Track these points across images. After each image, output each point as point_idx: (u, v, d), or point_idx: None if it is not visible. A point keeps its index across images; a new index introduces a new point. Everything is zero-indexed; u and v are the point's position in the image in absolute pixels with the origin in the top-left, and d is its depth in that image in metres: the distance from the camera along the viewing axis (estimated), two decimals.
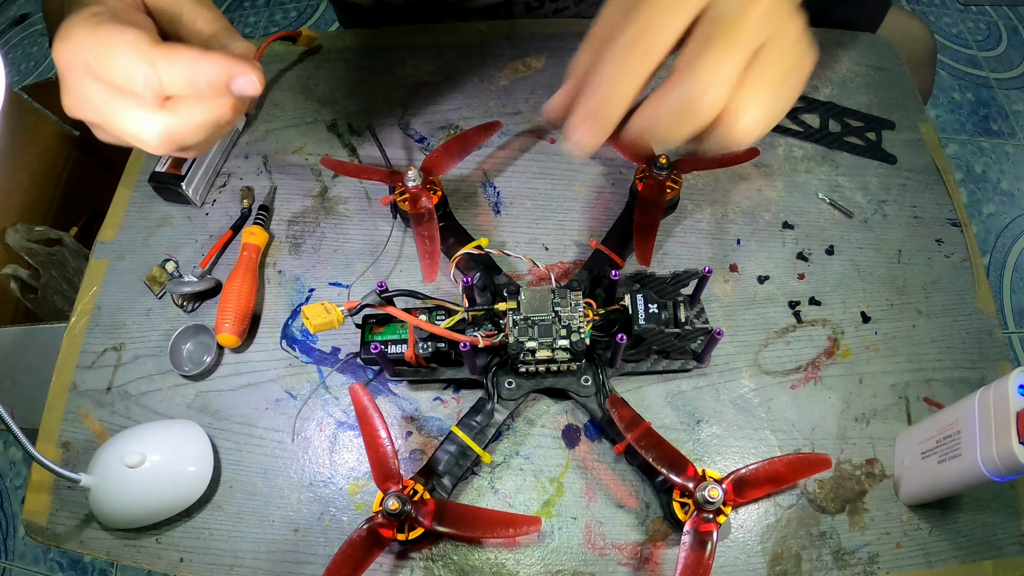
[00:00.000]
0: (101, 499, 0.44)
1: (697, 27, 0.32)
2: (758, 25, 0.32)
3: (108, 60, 0.36)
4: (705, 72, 0.31)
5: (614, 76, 0.34)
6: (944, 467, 0.42)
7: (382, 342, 0.47)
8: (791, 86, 0.34)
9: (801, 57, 0.34)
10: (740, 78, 0.32)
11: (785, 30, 0.33)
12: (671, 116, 0.33)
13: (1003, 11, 1.76)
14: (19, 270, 0.93)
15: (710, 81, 0.32)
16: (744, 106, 0.32)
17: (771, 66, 0.33)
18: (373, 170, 0.55)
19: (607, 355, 0.47)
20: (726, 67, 0.32)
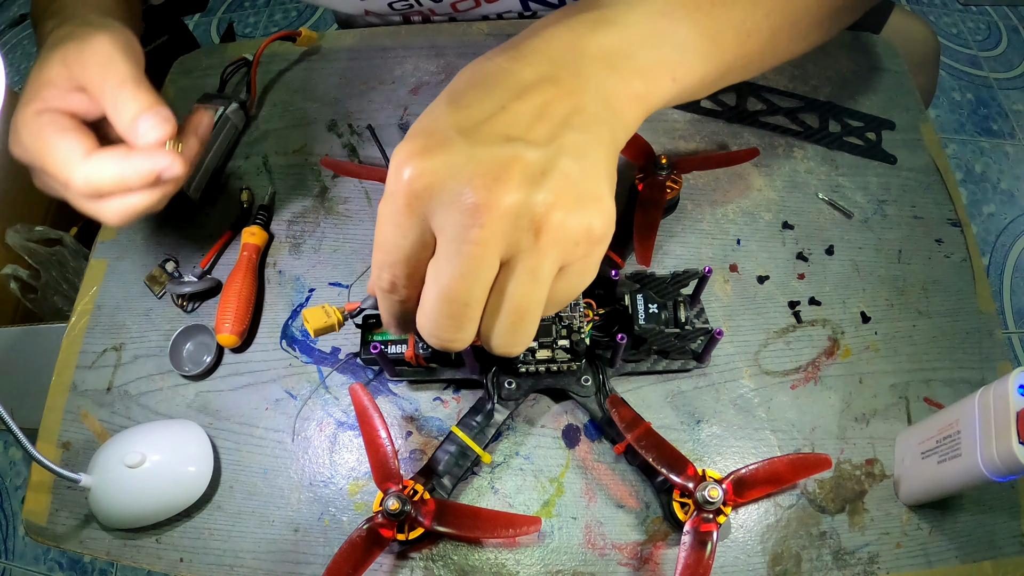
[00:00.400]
0: (101, 499, 0.44)
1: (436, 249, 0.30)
2: (482, 251, 0.28)
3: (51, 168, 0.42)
4: (432, 320, 0.30)
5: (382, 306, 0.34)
6: (944, 467, 0.42)
7: (382, 342, 0.47)
8: (569, 285, 0.31)
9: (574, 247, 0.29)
10: (478, 308, 0.30)
11: (539, 230, 0.28)
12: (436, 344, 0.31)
13: (1003, 11, 1.76)
14: (19, 270, 0.93)
15: (437, 327, 0.30)
16: (488, 335, 0.31)
17: (514, 287, 0.29)
18: (373, 170, 0.55)
19: (607, 355, 0.47)
20: (451, 310, 0.29)
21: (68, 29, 0.44)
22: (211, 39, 1.78)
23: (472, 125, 0.29)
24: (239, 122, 0.62)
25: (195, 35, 1.19)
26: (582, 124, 0.30)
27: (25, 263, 0.94)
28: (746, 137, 0.60)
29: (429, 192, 0.28)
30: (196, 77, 0.67)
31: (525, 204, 0.28)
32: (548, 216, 0.28)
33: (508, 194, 0.28)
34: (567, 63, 0.32)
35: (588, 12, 0.34)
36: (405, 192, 0.29)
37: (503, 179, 0.28)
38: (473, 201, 0.28)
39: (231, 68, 0.65)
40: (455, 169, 0.28)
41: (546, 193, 0.28)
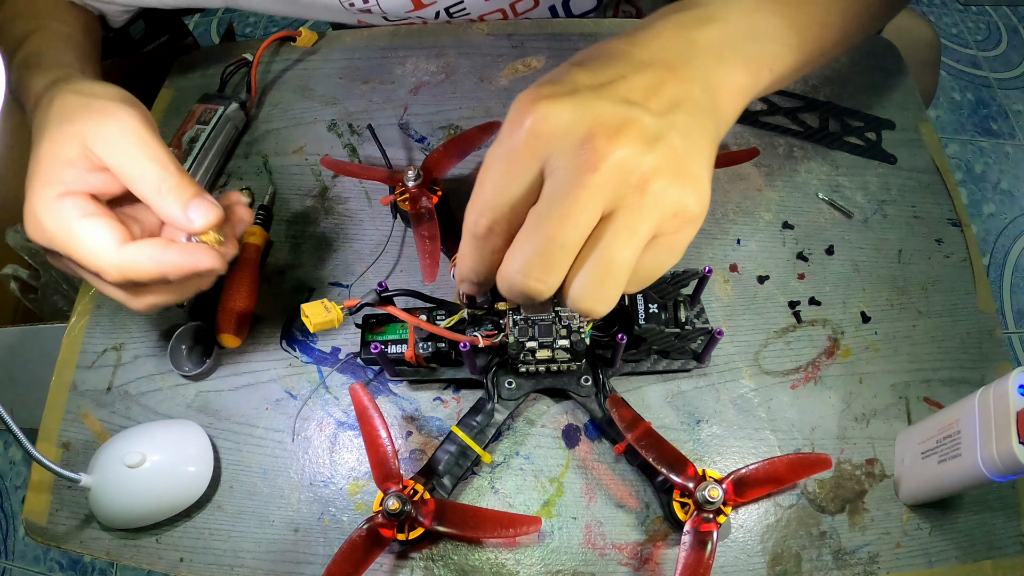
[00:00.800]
0: (101, 499, 0.44)
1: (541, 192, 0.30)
2: (591, 198, 0.29)
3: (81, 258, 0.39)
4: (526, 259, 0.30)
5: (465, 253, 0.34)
6: (944, 467, 0.42)
7: (382, 342, 0.47)
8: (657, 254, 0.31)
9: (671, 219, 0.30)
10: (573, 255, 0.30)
11: (644, 191, 0.29)
12: (511, 293, 0.31)
13: (1003, 11, 1.76)
14: (19, 270, 0.93)
15: (531, 267, 0.30)
16: (572, 287, 0.31)
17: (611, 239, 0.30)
18: (373, 170, 0.55)
19: (607, 355, 0.47)
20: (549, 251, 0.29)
21: (74, 99, 0.41)
22: (211, 39, 1.78)
23: (597, 84, 0.31)
24: (239, 122, 0.62)
25: (195, 35, 1.19)
26: (691, 109, 0.32)
27: (25, 263, 0.94)
28: (746, 137, 0.60)
29: (551, 133, 0.29)
30: (196, 77, 0.68)
31: (637, 162, 0.29)
32: (654, 179, 0.29)
33: (625, 147, 0.29)
34: (679, 52, 0.33)
35: (691, 10, 0.36)
36: (529, 132, 0.30)
37: (622, 133, 0.29)
38: (592, 147, 0.29)
39: (231, 68, 0.65)
40: (580, 115, 0.29)
41: (656, 157, 0.29)
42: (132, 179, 0.40)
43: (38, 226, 0.40)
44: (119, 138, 0.40)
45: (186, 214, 0.40)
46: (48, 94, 0.43)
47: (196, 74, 0.68)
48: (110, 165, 0.40)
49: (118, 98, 0.42)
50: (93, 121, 0.40)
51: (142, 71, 1.06)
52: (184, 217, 0.40)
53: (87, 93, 0.42)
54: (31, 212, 0.40)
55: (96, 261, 0.39)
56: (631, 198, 0.29)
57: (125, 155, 0.40)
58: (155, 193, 0.40)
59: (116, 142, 0.40)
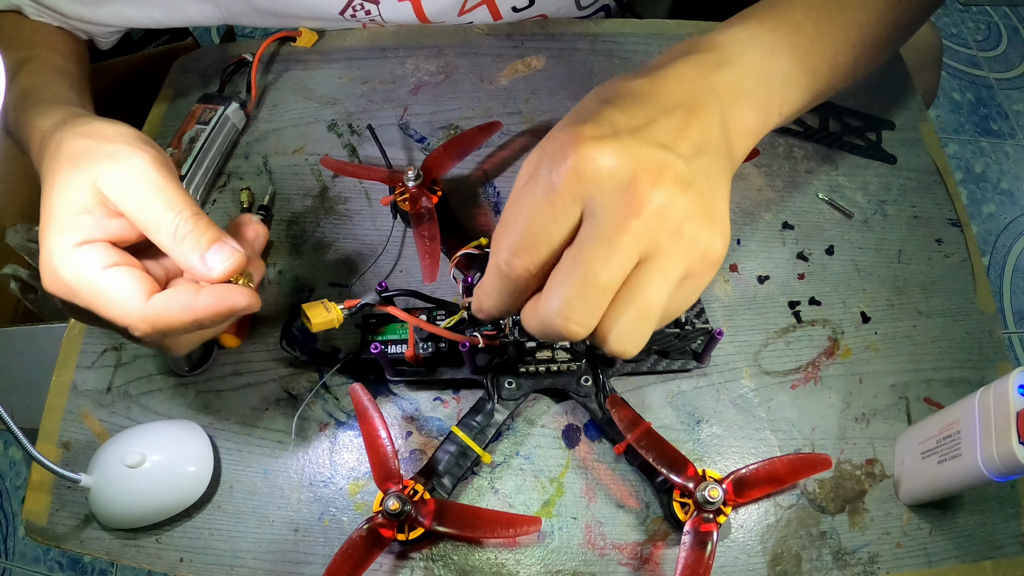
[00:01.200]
0: (101, 499, 0.44)
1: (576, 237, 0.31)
2: (633, 241, 0.29)
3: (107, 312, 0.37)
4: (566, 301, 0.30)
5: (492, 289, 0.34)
6: (944, 467, 0.42)
7: (382, 342, 0.47)
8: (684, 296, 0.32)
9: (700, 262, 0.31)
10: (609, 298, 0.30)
11: (678, 235, 0.30)
12: (545, 332, 0.32)
13: (1003, 11, 1.76)
14: (19, 270, 0.93)
15: (571, 310, 0.30)
16: (609, 330, 0.31)
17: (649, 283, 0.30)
18: (373, 170, 0.55)
19: (607, 355, 0.47)
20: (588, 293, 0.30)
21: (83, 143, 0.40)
22: (211, 39, 1.78)
23: (634, 127, 0.31)
24: (239, 122, 0.62)
25: (195, 35, 1.19)
26: (712, 153, 0.33)
27: (25, 263, 0.94)
28: None
29: (596, 175, 0.30)
30: (196, 77, 0.67)
31: (674, 206, 0.30)
32: (686, 224, 0.30)
33: (665, 192, 0.30)
34: (698, 96, 0.34)
35: (709, 52, 0.36)
36: (573, 171, 0.30)
37: (662, 178, 0.30)
38: (636, 191, 0.29)
39: (231, 68, 0.65)
40: (624, 159, 0.30)
41: (689, 202, 0.30)
42: (148, 227, 0.38)
43: (56, 279, 0.38)
44: (132, 184, 0.38)
45: (204, 262, 0.38)
46: (55, 136, 0.41)
47: (196, 74, 0.68)
48: (125, 212, 0.38)
49: (129, 139, 0.40)
50: (105, 166, 0.38)
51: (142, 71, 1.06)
52: (203, 265, 0.38)
53: (97, 136, 0.40)
54: (48, 264, 0.38)
55: (123, 316, 0.37)
56: (668, 242, 0.30)
57: (139, 202, 0.38)
58: (172, 240, 0.38)
59: (129, 188, 0.38)
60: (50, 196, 0.39)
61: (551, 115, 0.62)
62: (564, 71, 0.64)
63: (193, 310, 0.38)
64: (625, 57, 0.65)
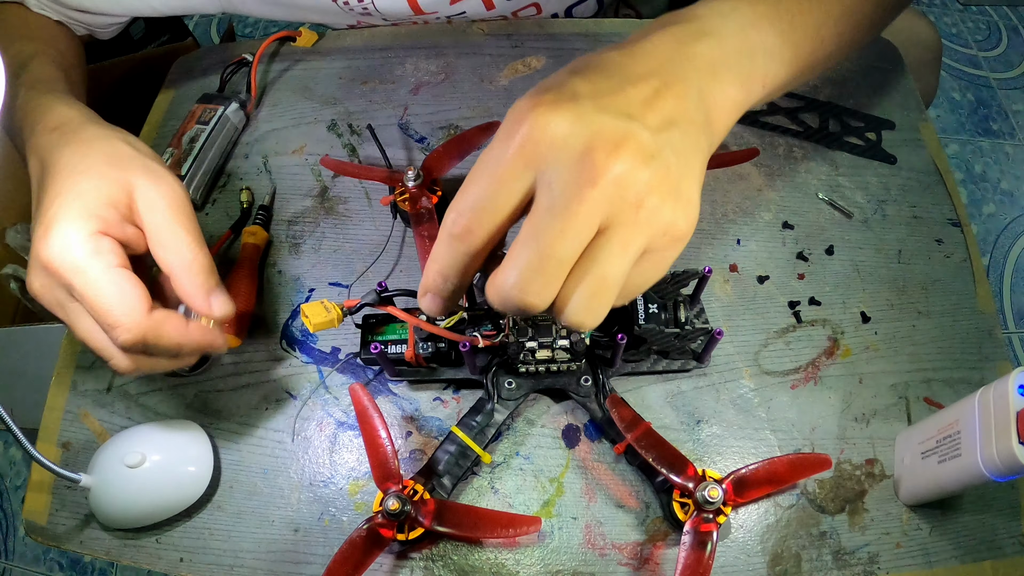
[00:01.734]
0: (101, 499, 0.44)
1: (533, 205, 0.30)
2: (588, 212, 0.28)
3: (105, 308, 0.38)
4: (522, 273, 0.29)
5: (439, 255, 0.33)
6: (944, 467, 0.42)
7: (382, 342, 0.47)
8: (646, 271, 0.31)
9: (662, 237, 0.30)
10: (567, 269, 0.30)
11: (638, 207, 0.29)
12: (506, 306, 0.31)
13: (1003, 11, 1.76)
14: (19, 270, 0.93)
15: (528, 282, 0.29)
16: (565, 303, 0.30)
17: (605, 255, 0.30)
18: (373, 170, 0.55)
19: (607, 355, 0.47)
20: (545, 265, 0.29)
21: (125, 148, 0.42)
22: (211, 39, 1.78)
23: (597, 93, 0.30)
24: (239, 122, 0.62)
25: (195, 35, 1.19)
26: (685, 126, 0.32)
27: (25, 263, 0.94)
28: (746, 137, 0.60)
29: (551, 143, 0.29)
30: (196, 77, 0.68)
31: (634, 178, 0.29)
32: (648, 196, 0.29)
33: (624, 163, 0.29)
34: (675, 67, 0.33)
35: (688, 23, 0.35)
36: (527, 137, 0.29)
37: (622, 147, 0.29)
38: (592, 160, 0.28)
39: (231, 68, 0.65)
40: (580, 126, 0.29)
41: (651, 174, 0.29)
42: (166, 247, 0.40)
43: (62, 256, 0.38)
44: (166, 203, 0.40)
45: (209, 300, 0.41)
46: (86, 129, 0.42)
47: (196, 74, 0.68)
48: (149, 226, 0.40)
49: (164, 164, 0.43)
50: (144, 177, 0.40)
51: (142, 71, 1.06)
52: (206, 303, 0.41)
53: (137, 147, 0.43)
54: (59, 235, 0.38)
55: (120, 316, 0.38)
56: (627, 214, 0.29)
57: (167, 222, 0.40)
58: (184, 270, 0.40)
59: (162, 206, 0.40)
60: (78, 181, 0.40)
61: None
62: None
63: (183, 335, 0.40)
64: None
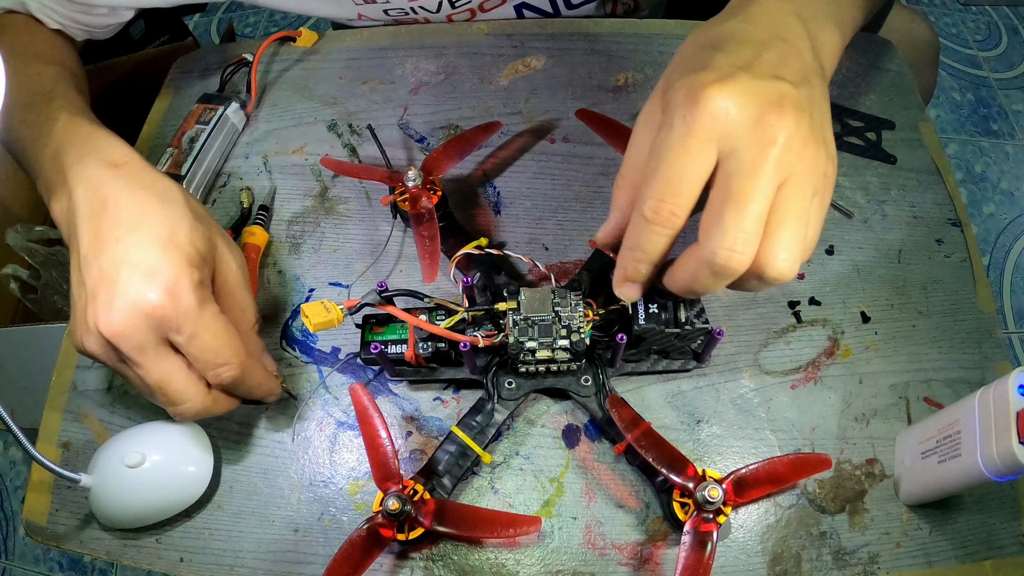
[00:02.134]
0: (101, 499, 0.44)
1: (716, 180, 0.33)
2: (773, 170, 0.32)
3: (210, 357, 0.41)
4: (728, 234, 0.32)
5: (641, 243, 0.35)
6: (944, 467, 0.42)
7: (382, 342, 0.47)
8: (817, 213, 0.35)
9: (822, 179, 0.34)
10: (764, 226, 0.33)
11: (804, 157, 0.33)
12: (704, 276, 0.34)
13: (1003, 11, 1.76)
14: (19, 270, 0.93)
15: (733, 241, 0.32)
16: (774, 252, 0.33)
17: (794, 204, 0.33)
18: (373, 170, 0.55)
19: (607, 355, 0.47)
20: (746, 223, 0.32)
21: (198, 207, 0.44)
22: (211, 39, 1.78)
23: (745, 64, 0.33)
24: (239, 122, 0.62)
25: (195, 35, 1.20)
26: (813, 77, 0.35)
27: (25, 263, 0.94)
28: None
29: (728, 116, 0.32)
30: (196, 77, 0.68)
31: (798, 132, 0.32)
32: (808, 147, 0.33)
33: (789, 120, 0.32)
34: (788, 25, 0.36)
35: None
36: (706, 114, 0.32)
37: (784, 107, 0.32)
38: (766, 123, 0.32)
39: (231, 68, 0.65)
40: (748, 96, 0.32)
41: (808, 126, 0.33)
42: (234, 311, 0.44)
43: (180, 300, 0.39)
44: (239, 268, 0.45)
45: (263, 358, 0.47)
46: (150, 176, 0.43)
47: (196, 74, 0.68)
48: (224, 287, 0.44)
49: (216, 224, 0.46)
50: (222, 239, 0.44)
51: (142, 71, 1.06)
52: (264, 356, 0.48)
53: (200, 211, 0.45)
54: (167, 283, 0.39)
55: (230, 355, 0.41)
56: (799, 164, 0.32)
57: (240, 289, 0.45)
58: (248, 328, 0.46)
59: (235, 271, 0.45)
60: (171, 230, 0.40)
61: (551, 115, 0.62)
62: (564, 71, 0.64)
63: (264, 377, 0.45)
64: (625, 57, 0.65)
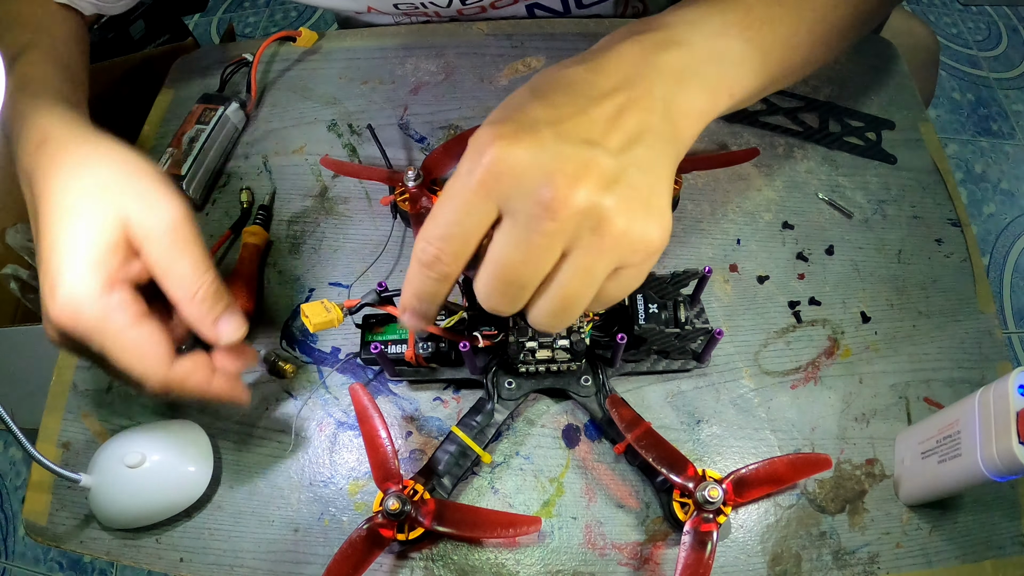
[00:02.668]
0: (101, 499, 0.44)
1: (496, 232, 0.32)
2: (546, 240, 0.30)
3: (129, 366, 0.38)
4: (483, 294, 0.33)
5: (411, 280, 0.34)
6: (944, 467, 0.42)
7: (382, 342, 0.47)
8: (620, 284, 0.33)
9: (632, 253, 0.31)
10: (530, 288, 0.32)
11: (602, 230, 0.30)
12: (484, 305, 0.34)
13: (1003, 11, 1.76)
14: (19, 270, 0.93)
15: (489, 301, 0.33)
16: (530, 313, 0.33)
17: (567, 275, 0.31)
18: (373, 170, 0.55)
19: (607, 355, 0.47)
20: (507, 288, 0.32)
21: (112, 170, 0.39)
22: (211, 39, 1.78)
23: (558, 121, 0.31)
24: (239, 122, 0.62)
25: (195, 35, 1.20)
26: (650, 141, 0.32)
27: (25, 263, 0.94)
28: (746, 137, 0.60)
29: (512, 176, 0.30)
30: (196, 77, 0.68)
31: (596, 206, 0.30)
32: (613, 221, 0.30)
33: (583, 193, 0.29)
34: (641, 78, 0.33)
35: (655, 32, 0.35)
36: (487, 170, 0.30)
37: (582, 179, 0.30)
38: (552, 195, 0.29)
39: (231, 68, 0.65)
40: (541, 160, 0.30)
41: (615, 199, 0.30)
42: (167, 279, 0.38)
43: (76, 316, 0.36)
44: (162, 232, 0.38)
45: (216, 328, 0.40)
46: (67, 146, 0.40)
47: (196, 74, 0.68)
48: (148, 259, 0.38)
49: (157, 180, 0.40)
50: (137, 207, 0.38)
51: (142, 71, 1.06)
52: (213, 331, 0.40)
53: (126, 166, 0.40)
54: (70, 298, 0.36)
55: (144, 372, 0.38)
56: (589, 240, 0.30)
57: (167, 252, 0.38)
58: (188, 298, 0.39)
59: (158, 236, 0.38)
60: (69, 222, 0.38)
61: None
62: None
63: (205, 390, 0.40)
64: None
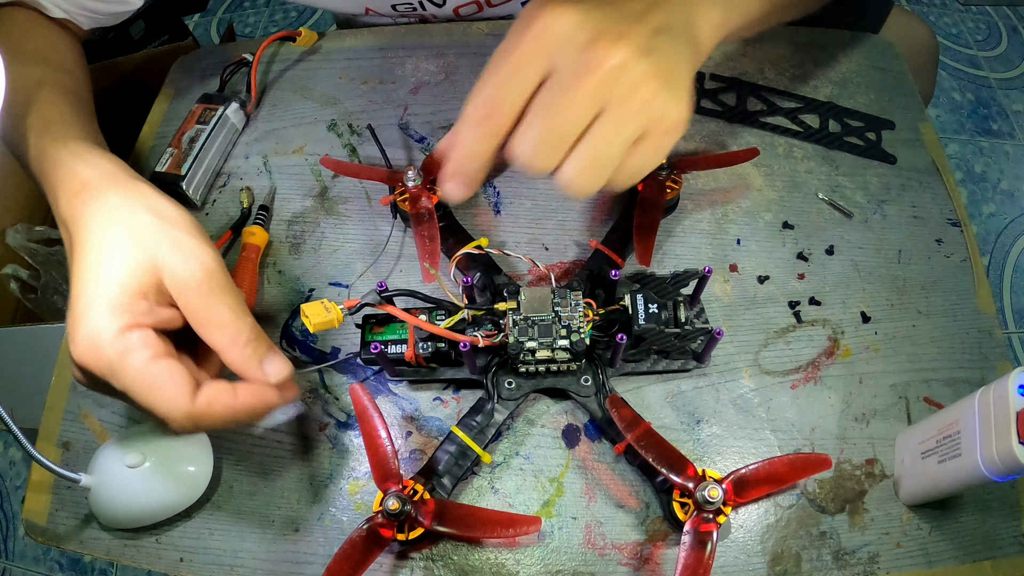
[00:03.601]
0: (101, 499, 0.44)
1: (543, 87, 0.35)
2: (588, 94, 0.33)
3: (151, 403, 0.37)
4: (526, 143, 0.35)
5: (461, 140, 0.38)
6: (944, 467, 0.42)
7: (382, 342, 0.47)
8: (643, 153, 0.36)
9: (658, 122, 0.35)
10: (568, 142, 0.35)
11: (634, 94, 0.34)
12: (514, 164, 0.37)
13: (1003, 11, 1.76)
14: (19, 270, 0.93)
15: (533, 151, 0.35)
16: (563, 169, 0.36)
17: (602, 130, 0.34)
18: (373, 170, 0.55)
19: (607, 355, 0.47)
20: (549, 135, 0.35)
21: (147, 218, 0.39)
22: (211, 39, 1.78)
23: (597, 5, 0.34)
24: (239, 122, 0.62)
25: (195, 35, 1.20)
26: (676, 34, 0.36)
27: (25, 263, 0.94)
28: (746, 137, 0.60)
29: (559, 35, 0.34)
30: (196, 77, 0.68)
31: (632, 66, 0.33)
32: (644, 84, 0.34)
33: (622, 54, 0.33)
34: None
35: None
36: (539, 31, 0.34)
37: (623, 40, 0.33)
38: (594, 51, 0.33)
39: (231, 68, 0.65)
40: (586, 21, 0.34)
41: (647, 66, 0.34)
42: (208, 327, 0.38)
43: (96, 356, 0.36)
44: (197, 281, 0.38)
45: (262, 370, 0.39)
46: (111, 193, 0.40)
47: (196, 74, 0.68)
48: (184, 309, 0.38)
49: (193, 229, 0.40)
50: (173, 256, 0.38)
51: (142, 71, 1.06)
52: (261, 372, 0.39)
53: (161, 214, 0.40)
54: (88, 338, 0.36)
55: (167, 410, 0.37)
56: (622, 99, 0.34)
57: (205, 301, 0.38)
58: (232, 344, 0.39)
59: (193, 286, 0.38)
60: (98, 267, 0.38)
61: None
62: None
63: (234, 410, 0.39)
64: None
